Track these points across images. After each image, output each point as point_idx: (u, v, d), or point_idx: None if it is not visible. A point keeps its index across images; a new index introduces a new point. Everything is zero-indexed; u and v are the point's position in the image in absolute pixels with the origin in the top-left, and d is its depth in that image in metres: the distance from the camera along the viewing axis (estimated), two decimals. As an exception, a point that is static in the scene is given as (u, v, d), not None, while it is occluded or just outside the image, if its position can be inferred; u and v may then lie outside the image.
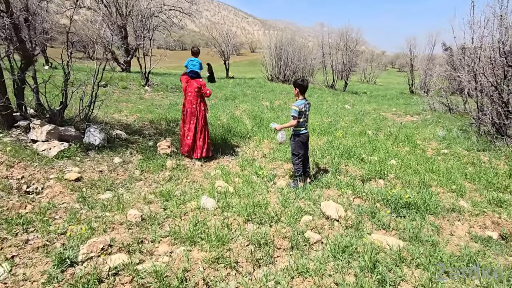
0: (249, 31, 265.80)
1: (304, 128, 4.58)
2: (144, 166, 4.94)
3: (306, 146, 4.74)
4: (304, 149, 4.67)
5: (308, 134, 4.70)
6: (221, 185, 4.39)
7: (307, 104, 4.51)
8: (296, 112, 4.35)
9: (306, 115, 4.54)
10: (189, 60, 5.67)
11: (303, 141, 4.59)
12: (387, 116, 11.27)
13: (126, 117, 8.47)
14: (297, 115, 4.36)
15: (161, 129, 7.48)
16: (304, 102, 4.43)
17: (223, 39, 27.20)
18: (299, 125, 4.49)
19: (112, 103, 10.22)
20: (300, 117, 4.43)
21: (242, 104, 12.60)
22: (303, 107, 4.40)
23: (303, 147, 4.62)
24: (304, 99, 4.47)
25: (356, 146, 6.63)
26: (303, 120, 4.49)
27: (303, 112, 4.44)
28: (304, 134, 4.59)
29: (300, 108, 4.36)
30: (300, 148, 4.60)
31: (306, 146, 4.72)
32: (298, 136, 4.57)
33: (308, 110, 4.57)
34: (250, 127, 8.33)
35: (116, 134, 5.95)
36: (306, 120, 4.56)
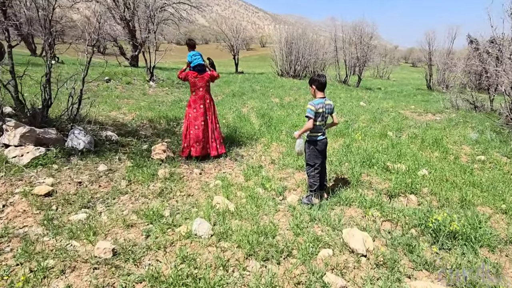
0: (259, 25, 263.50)
1: (321, 134, 3.77)
2: (132, 175, 4.20)
3: (324, 155, 3.94)
4: (322, 158, 3.89)
5: (326, 140, 3.87)
6: (220, 201, 3.62)
7: (326, 104, 3.70)
8: (312, 112, 3.57)
9: (325, 118, 3.74)
10: (191, 55, 5.20)
11: (320, 149, 3.81)
12: (406, 115, 10.31)
13: (124, 115, 7.77)
14: (313, 115, 3.57)
15: (160, 129, 6.74)
16: (322, 101, 3.64)
17: (233, 33, 26.32)
18: (315, 129, 3.70)
19: (112, 100, 9.55)
20: (316, 119, 3.63)
21: (250, 100, 11.79)
22: (321, 107, 3.62)
23: (319, 156, 3.84)
24: (323, 98, 3.68)
25: (378, 151, 5.76)
26: (320, 123, 3.69)
27: (321, 113, 3.64)
28: (321, 141, 3.79)
29: (316, 107, 3.57)
30: (316, 157, 3.82)
31: (323, 155, 3.92)
32: (314, 143, 3.78)
33: (328, 112, 3.76)
34: (257, 127, 7.52)
35: (106, 136, 5.23)
36: (324, 123, 3.76)
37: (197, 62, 5.16)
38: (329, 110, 3.75)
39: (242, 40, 26.95)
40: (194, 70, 5.18)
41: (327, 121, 3.83)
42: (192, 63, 5.17)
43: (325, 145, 3.85)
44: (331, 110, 3.78)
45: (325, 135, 3.85)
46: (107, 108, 8.24)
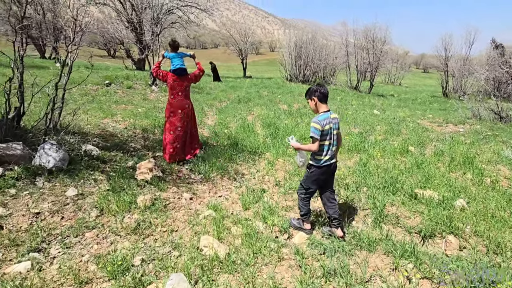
0: (269, 30, 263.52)
1: (329, 157, 2.97)
2: (105, 203, 3.43)
3: (328, 183, 3.16)
4: (323, 184, 3.13)
5: (334, 164, 3.06)
6: (209, 243, 2.82)
7: (333, 119, 2.95)
8: (317, 132, 2.83)
9: (333, 137, 2.96)
10: (173, 56, 4.94)
11: (322, 176, 3.04)
12: (425, 125, 9.38)
13: (117, 123, 7.06)
14: (319, 136, 2.83)
15: (153, 140, 5.99)
16: (327, 116, 2.90)
17: (241, 37, 25.67)
18: (320, 150, 2.94)
19: (109, 105, 8.87)
20: (323, 139, 2.89)
21: (257, 107, 11.01)
22: (327, 123, 2.87)
23: (319, 183, 3.11)
24: (328, 111, 2.94)
25: (401, 171, 4.89)
26: (328, 142, 2.93)
27: (328, 131, 2.89)
28: (326, 166, 2.99)
29: (322, 125, 2.83)
30: (313, 182, 3.09)
31: (327, 183, 3.15)
32: (317, 167, 3.00)
33: (336, 128, 3.00)
34: (262, 138, 6.72)
35: (86, 151, 4.49)
36: (332, 144, 2.98)
37: (178, 66, 4.89)
38: (336, 126, 3.01)
39: (250, 44, 26.27)
40: (174, 74, 4.89)
41: (336, 139, 3.05)
42: (173, 65, 4.90)
43: (331, 169, 3.06)
44: (337, 126, 3.03)
45: (333, 158, 3.04)
46: (100, 114, 7.55)
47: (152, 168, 4.27)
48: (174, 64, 4.90)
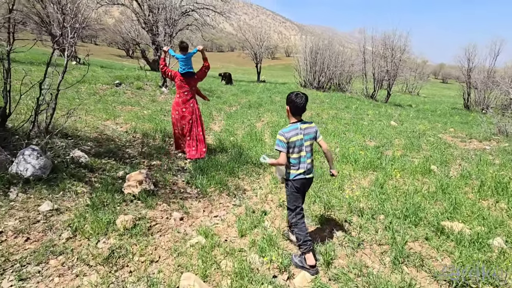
0: (285, 35, 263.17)
1: (303, 170, 2.74)
2: (80, 222, 2.96)
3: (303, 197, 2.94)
4: (302, 201, 2.91)
5: (308, 179, 2.81)
6: (189, 286, 2.30)
7: (303, 129, 2.73)
8: (281, 144, 2.67)
9: (305, 148, 2.74)
10: (181, 58, 4.94)
11: (297, 190, 2.79)
12: (447, 140, 8.64)
13: (118, 126, 6.66)
14: (283, 148, 2.66)
15: (152, 146, 5.54)
16: (296, 127, 2.71)
17: (256, 41, 25.26)
18: (291, 164, 2.74)
19: (114, 106, 8.53)
20: (292, 152, 2.70)
21: (267, 114, 10.50)
22: (293, 135, 2.68)
23: (300, 198, 2.86)
24: (299, 122, 2.74)
25: (424, 196, 4.27)
26: (298, 155, 2.72)
27: (294, 143, 2.68)
28: (299, 180, 2.75)
29: (287, 137, 2.67)
30: (294, 199, 2.83)
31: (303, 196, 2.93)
32: (291, 180, 2.79)
33: (309, 138, 2.76)
34: (270, 149, 6.19)
35: (73, 158, 4.06)
36: (305, 156, 2.74)
37: (186, 70, 4.97)
38: (310, 136, 2.76)
39: (265, 49, 25.82)
40: (182, 76, 4.98)
41: (311, 151, 2.82)
42: (182, 69, 4.96)
43: (304, 184, 2.82)
44: (312, 136, 2.78)
45: (309, 173, 2.78)
46: (103, 116, 7.18)
47: (142, 180, 3.80)
48: (182, 67, 4.94)
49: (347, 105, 14.81)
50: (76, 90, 9.92)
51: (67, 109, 7.29)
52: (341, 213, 3.71)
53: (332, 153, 6.10)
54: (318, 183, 4.52)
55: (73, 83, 6.14)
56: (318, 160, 5.59)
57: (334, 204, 3.87)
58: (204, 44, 35.52)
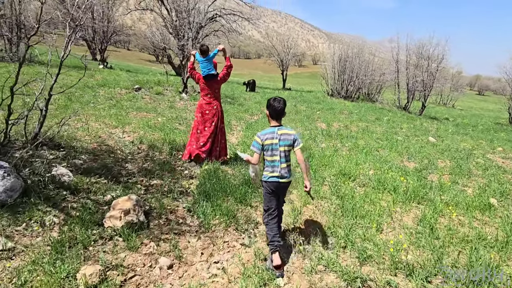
0: (313, 43, 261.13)
1: (277, 174, 2.77)
2: (29, 273, 2.22)
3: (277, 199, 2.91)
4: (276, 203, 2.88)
5: (282, 183, 2.82)
6: None
7: (280, 135, 2.75)
8: (256, 146, 2.76)
9: (280, 152, 2.76)
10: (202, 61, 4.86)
11: (270, 191, 2.83)
12: (498, 162, 7.35)
13: (126, 134, 6.03)
14: (257, 149, 2.75)
15: (157, 161, 4.81)
16: (273, 130, 2.76)
17: (283, 47, 24.47)
18: (265, 166, 2.84)
19: (129, 112, 7.98)
20: (266, 155, 2.78)
21: (291, 124, 9.60)
22: (268, 137, 2.74)
23: (274, 200, 2.86)
24: (277, 127, 2.79)
25: (489, 245, 3.22)
26: (271, 158, 2.77)
27: (269, 146, 2.74)
28: (271, 183, 2.80)
29: (262, 139, 2.74)
30: (268, 199, 2.87)
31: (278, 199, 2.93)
32: (264, 182, 2.86)
33: (285, 144, 2.76)
34: (291, 167, 5.30)
35: (53, 176, 3.39)
36: (279, 161, 2.76)
37: (206, 72, 4.86)
38: (288, 142, 2.78)
39: (292, 56, 24.96)
40: (204, 79, 4.91)
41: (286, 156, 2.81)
42: (203, 72, 4.88)
43: (277, 187, 2.82)
44: (289, 143, 2.78)
45: (282, 178, 2.79)
46: (112, 123, 6.60)
47: (129, 209, 3.04)
48: (203, 70, 4.90)
49: (378, 116, 13.61)
50: (94, 94, 9.53)
51: (79, 114, 6.83)
52: (381, 269, 2.75)
53: (366, 176, 5.11)
54: (348, 218, 3.59)
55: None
56: (347, 190, 4.63)
57: (371, 254, 2.92)
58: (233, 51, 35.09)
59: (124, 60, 59.45)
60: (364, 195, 4.27)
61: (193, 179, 4.46)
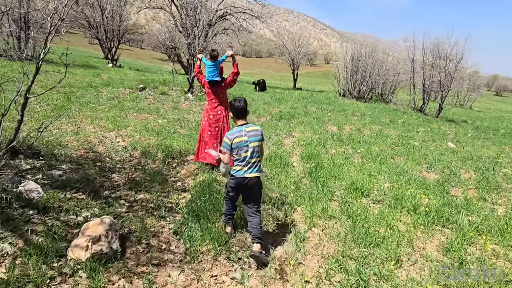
0: (325, 42, 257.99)
1: (246, 169, 2.81)
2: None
3: (246, 195, 2.96)
4: (243, 196, 2.99)
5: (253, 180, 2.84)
6: None
7: (248, 132, 2.83)
8: (226, 146, 2.84)
9: (248, 149, 2.80)
10: (208, 66, 4.73)
11: (237, 186, 2.90)
12: (528, 173, 6.60)
13: (120, 139, 5.59)
14: (227, 149, 2.84)
15: (148, 170, 4.33)
16: (241, 129, 2.84)
17: (294, 46, 23.79)
18: (236, 163, 2.86)
19: (129, 113, 7.57)
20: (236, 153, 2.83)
21: (300, 127, 9.03)
22: (237, 136, 2.81)
23: (235, 192, 2.96)
24: (244, 124, 2.88)
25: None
26: (242, 156, 2.81)
27: (239, 145, 2.79)
28: (241, 178, 2.83)
29: (230, 139, 2.81)
30: (230, 189, 2.97)
31: (245, 195, 2.97)
32: (232, 176, 2.91)
33: (254, 140, 2.83)
34: (296, 179, 4.73)
35: (20, 193, 2.94)
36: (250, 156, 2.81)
37: (211, 78, 4.71)
38: (258, 137, 2.88)
39: (303, 55, 24.25)
40: (208, 83, 4.77)
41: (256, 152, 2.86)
42: (208, 76, 4.74)
43: (247, 185, 2.84)
44: (259, 138, 2.89)
45: (250, 172, 2.82)
46: (108, 126, 6.17)
47: (100, 235, 2.55)
48: (208, 75, 4.77)
49: (392, 119, 12.88)
50: (96, 94, 9.17)
51: (75, 116, 6.43)
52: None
53: (380, 191, 4.51)
54: (360, 247, 3.02)
55: (47, 89, 4.96)
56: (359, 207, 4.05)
57: (389, 301, 2.35)
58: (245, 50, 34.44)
59: (138, 58, 59.73)
60: (379, 216, 3.69)
61: (185, 192, 3.96)
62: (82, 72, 12.66)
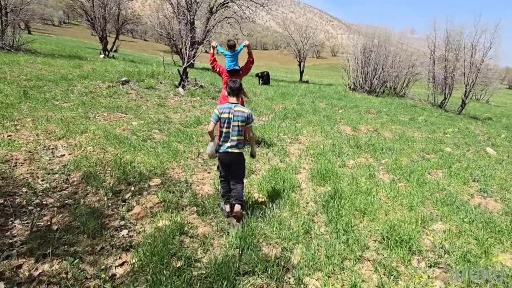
0: (332, 34, 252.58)
1: (228, 144, 3.04)
2: None
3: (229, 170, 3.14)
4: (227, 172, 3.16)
5: (232, 154, 3.05)
6: None
7: (235, 111, 3.03)
8: (215, 117, 3.06)
9: (234, 127, 3.03)
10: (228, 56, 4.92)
11: (222, 162, 3.13)
12: None
13: (66, 151, 4.06)
14: (215, 120, 3.06)
15: (80, 210, 2.82)
16: (230, 106, 3.05)
17: (301, 37, 21.96)
18: (221, 136, 3.06)
19: (95, 115, 6.05)
20: (221, 126, 3.05)
21: (308, 128, 7.44)
22: (226, 112, 3.02)
23: (222, 168, 3.18)
24: (234, 104, 3.08)
25: None
26: (226, 130, 3.04)
27: (226, 119, 3.02)
28: (224, 152, 3.05)
29: (220, 112, 3.04)
30: (222, 169, 3.19)
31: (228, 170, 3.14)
32: (218, 153, 3.12)
33: (238, 120, 3.02)
34: (307, 218, 3.18)
35: None
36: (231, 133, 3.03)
37: (233, 67, 4.87)
38: (241, 118, 3.04)
39: (310, 46, 22.42)
40: (228, 73, 4.89)
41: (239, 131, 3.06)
42: (228, 66, 4.91)
43: (229, 159, 3.08)
44: (243, 119, 3.05)
45: (231, 148, 3.05)
46: (56, 132, 4.63)
47: None
48: (228, 64, 4.92)
49: (411, 116, 11.18)
50: (66, 88, 7.65)
51: (18, 119, 4.91)
52: None
53: (434, 242, 2.94)
54: None
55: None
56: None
57: None
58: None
59: (141, 50, 58.08)
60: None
61: (130, 250, 2.43)
62: (62, 63, 11.13)
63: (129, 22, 28.86)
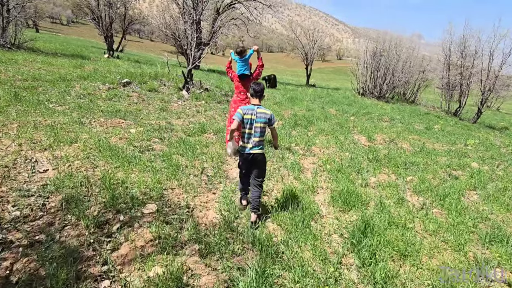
0: (338, 38, 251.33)
1: (250, 145, 3.02)
2: None
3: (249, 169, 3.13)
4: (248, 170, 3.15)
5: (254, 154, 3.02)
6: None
7: (258, 113, 2.99)
8: (239, 116, 2.97)
9: (256, 128, 2.99)
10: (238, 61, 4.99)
11: (243, 162, 3.12)
12: None
13: (50, 165, 3.48)
14: (239, 119, 2.96)
15: (51, 252, 2.23)
16: (253, 108, 3.01)
17: (308, 40, 21.31)
18: (243, 138, 3.06)
19: (90, 119, 5.47)
20: (243, 127, 3.01)
21: (320, 137, 6.82)
22: (249, 113, 2.98)
23: (242, 167, 3.18)
24: (256, 105, 3.04)
25: None
26: (248, 131, 3.01)
27: (248, 120, 2.98)
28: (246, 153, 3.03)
29: (244, 113, 2.98)
30: (239, 165, 3.22)
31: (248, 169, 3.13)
32: (240, 153, 3.11)
33: (261, 122, 2.99)
34: (334, 259, 2.56)
35: None
36: (253, 134, 3.00)
37: (242, 72, 4.96)
38: (263, 120, 3.01)
39: (318, 49, 21.77)
40: (239, 78, 4.98)
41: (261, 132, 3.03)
42: (238, 71, 4.99)
43: (252, 160, 3.06)
44: (266, 120, 3.02)
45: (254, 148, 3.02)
46: (43, 142, 4.05)
47: None
48: (238, 69, 5.00)
49: (427, 125, 10.50)
50: (64, 90, 7.08)
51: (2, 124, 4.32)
52: None
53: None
54: None
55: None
56: None
57: None
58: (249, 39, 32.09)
59: (148, 51, 57.76)
60: None
61: None
62: (63, 62, 10.59)
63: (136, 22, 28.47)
